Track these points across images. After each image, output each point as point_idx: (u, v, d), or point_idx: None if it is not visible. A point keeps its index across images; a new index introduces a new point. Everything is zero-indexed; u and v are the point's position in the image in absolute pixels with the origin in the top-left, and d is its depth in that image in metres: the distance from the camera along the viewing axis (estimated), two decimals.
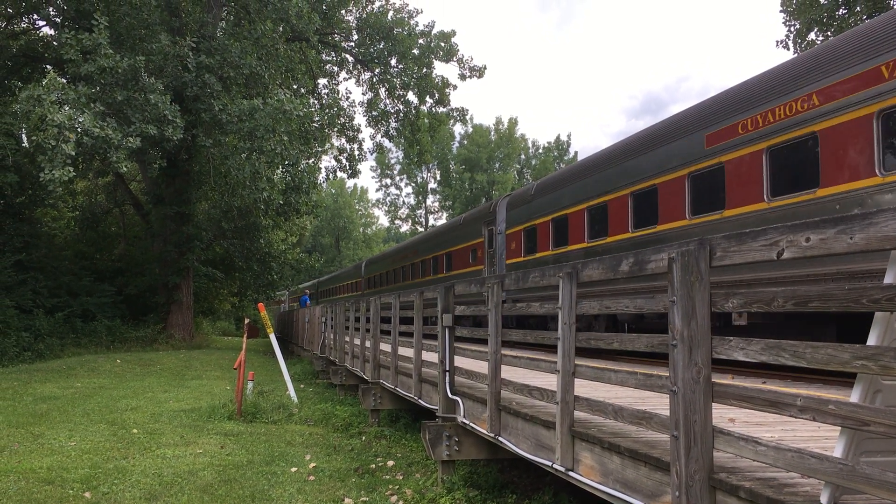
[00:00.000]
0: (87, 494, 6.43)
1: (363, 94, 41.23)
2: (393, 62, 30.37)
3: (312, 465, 7.86)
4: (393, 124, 33.32)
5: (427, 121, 33.50)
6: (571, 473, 4.40)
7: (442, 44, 30.42)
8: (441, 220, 65.11)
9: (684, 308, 3.18)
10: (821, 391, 5.97)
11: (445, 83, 31.46)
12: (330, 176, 36.28)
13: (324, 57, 31.59)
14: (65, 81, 18.69)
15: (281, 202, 22.45)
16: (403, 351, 9.73)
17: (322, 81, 33.01)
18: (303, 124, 21.51)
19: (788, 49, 24.33)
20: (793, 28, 24.09)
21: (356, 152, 33.47)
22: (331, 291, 44.56)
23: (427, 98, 31.85)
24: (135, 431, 9.60)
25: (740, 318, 8.23)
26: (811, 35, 23.28)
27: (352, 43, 31.02)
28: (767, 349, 2.79)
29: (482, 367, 6.17)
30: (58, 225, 29.80)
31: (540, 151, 64.84)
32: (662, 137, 10.74)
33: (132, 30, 20.38)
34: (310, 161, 26.68)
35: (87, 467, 7.41)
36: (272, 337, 15.40)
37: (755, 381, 6.66)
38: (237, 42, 21.04)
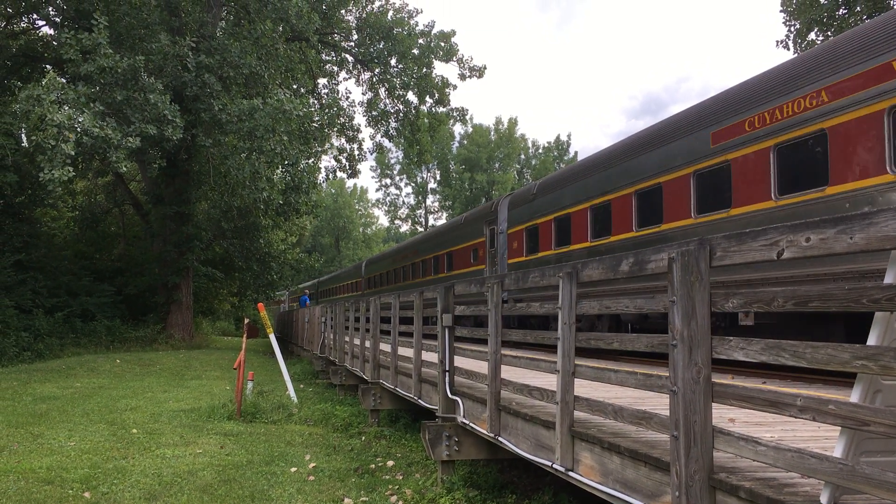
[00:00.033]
0: (87, 494, 6.43)
1: (363, 94, 41.24)
2: (393, 62, 30.37)
3: (312, 465, 7.86)
4: (393, 124, 33.32)
5: (427, 121, 33.50)
6: (571, 473, 4.40)
7: (442, 44, 30.43)
8: (441, 221, 65.15)
9: (684, 308, 3.18)
10: (821, 391, 5.97)
11: (445, 83, 31.47)
12: (330, 176, 36.35)
13: (324, 57, 31.60)
14: (64, 81, 18.69)
15: (281, 202, 22.45)
16: (403, 351, 9.73)
17: (322, 81, 33.05)
18: (303, 124, 21.51)
19: (788, 49, 24.35)
20: (793, 28, 24.10)
21: (356, 152, 33.52)
22: (331, 291, 44.52)
23: (427, 98, 31.86)
24: (134, 431, 9.59)
25: (747, 319, 8.17)
26: (811, 35, 23.29)
27: (352, 43, 31.04)
28: (767, 349, 2.79)
29: (482, 367, 6.17)
30: (57, 225, 29.80)
31: (540, 151, 64.86)
32: (667, 135, 10.63)
33: (132, 29, 20.38)
34: (310, 161, 26.67)
35: (87, 467, 7.40)
36: (272, 337, 15.39)
37: (755, 381, 6.66)
38: (237, 42, 21.04)
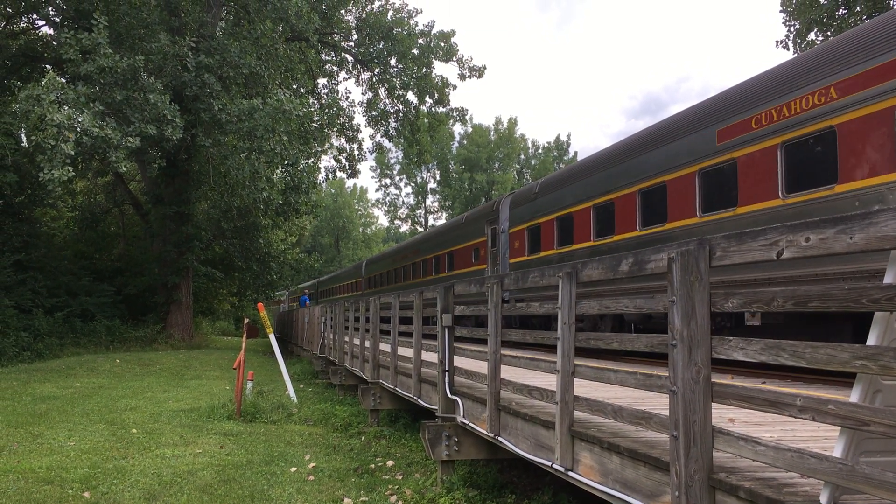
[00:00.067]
0: (87, 494, 6.43)
1: (363, 94, 41.22)
2: (392, 62, 30.37)
3: (312, 465, 7.86)
4: (392, 124, 33.32)
5: (427, 121, 33.50)
6: (571, 473, 4.40)
7: (441, 44, 30.42)
8: (440, 221, 65.16)
9: (684, 308, 3.18)
10: (821, 391, 5.97)
11: (445, 83, 31.47)
12: (329, 176, 36.36)
13: (323, 57, 31.60)
14: (64, 81, 18.68)
15: (280, 202, 22.45)
16: (403, 351, 9.72)
17: (322, 81, 33.05)
18: (302, 124, 21.51)
19: (788, 49, 24.36)
20: (793, 28, 24.11)
21: (356, 152, 33.53)
22: (331, 291, 44.49)
23: (427, 98, 31.87)
24: (134, 431, 9.59)
25: (753, 319, 8.13)
26: (811, 35, 23.29)
27: (351, 43, 31.04)
28: (767, 349, 2.79)
29: (482, 367, 6.17)
30: (57, 225, 29.80)
31: (539, 151, 64.87)
32: (671, 133, 10.52)
33: (131, 29, 20.38)
34: (309, 161, 26.67)
35: (87, 467, 7.40)
36: (271, 337, 15.39)
37: (755, 381, 6.66)
38: (237, 42, 21.03)
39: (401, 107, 32.48)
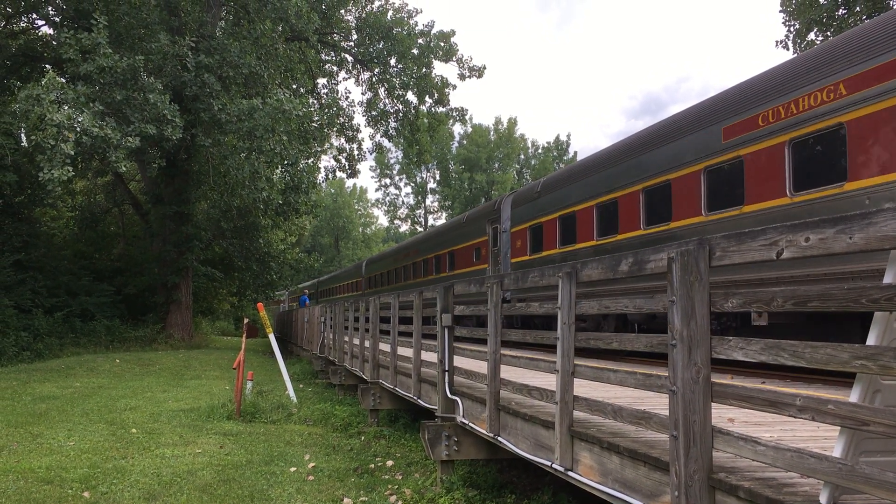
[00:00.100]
0: (86, 494, 6.43)
1: (363, 94, 41.20)
2: (392, 62, 30.37)
3: (311, 465, 7.86)
4: (392, 124, 33.32)
5: (426, 121, 33.50)
6: (570, 473, 4.40)
7: (441, 44, 30.42)
8: (440, 220, 65.17)
9: (683, 308, 3.18)
10: (820, 391, 5.97)
11: (445, 83, 31.46)
12: (329, 176, 36.39)
13: (323, 57, 31.61)
14: (64, 81, 18.67)
15: (280, 202, 22.44)
16: (403, 351, 9.72)
17: (321, 81, 33.05)
18: (302, 124, 21.51)
19: (788, 49, 24.37)
20: (792, 28, 24.12)
21: (355, 152, 33.54)
22: (331, 291, 44.47)
23: (426, 98, 31.86)
24: (134, 431, 9.59)
25: (760, 319, 8.11)
26: (811, 35, 23.30)
27: (351, 43, 31.03)
28: (767, 349, 2.79)
29: (481, 367, 6.17)
30: (57, 224, 29.79)
31: (539, 151, 64.89)
32: (676, 131, 10.43)
33: (131, 29, 20.38)
34: (309, 161, 26.69)
35: (86, 467, 7.40)
36: (271, 337, 15.39)
37: (755, 381, 6.66)
38: (236, 42, 21.03)
39: (400, 107, 32.49)
